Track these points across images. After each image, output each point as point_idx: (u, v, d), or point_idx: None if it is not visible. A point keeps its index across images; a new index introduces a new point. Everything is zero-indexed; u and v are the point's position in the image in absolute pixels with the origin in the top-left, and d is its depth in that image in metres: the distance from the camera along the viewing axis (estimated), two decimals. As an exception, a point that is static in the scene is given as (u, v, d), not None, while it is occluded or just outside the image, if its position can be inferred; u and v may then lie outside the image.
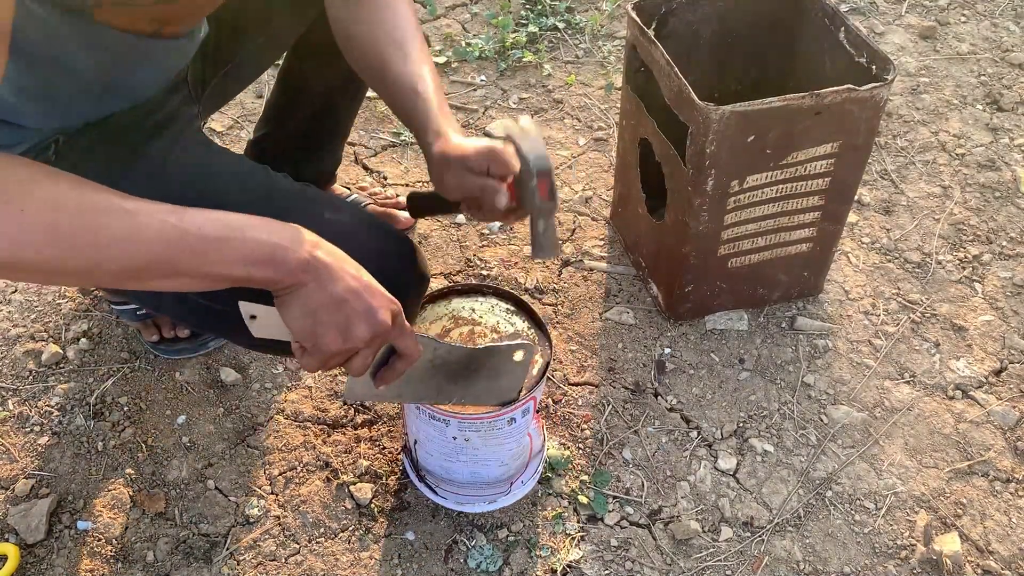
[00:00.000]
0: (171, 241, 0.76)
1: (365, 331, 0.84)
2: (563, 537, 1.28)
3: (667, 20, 1.51)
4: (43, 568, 1.24)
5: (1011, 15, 2.31)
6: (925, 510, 1.32)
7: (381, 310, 0.85)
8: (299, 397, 1.45)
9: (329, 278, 0.83)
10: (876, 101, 1.31)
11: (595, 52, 2.20)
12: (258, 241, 0.80)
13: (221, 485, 1.33)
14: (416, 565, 1.24)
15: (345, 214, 1.12)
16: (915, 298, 1.62)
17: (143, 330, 1.49)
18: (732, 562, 1.26)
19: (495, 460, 1.21)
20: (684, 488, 1.34)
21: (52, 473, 1.34)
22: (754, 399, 1.46)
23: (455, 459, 1.20)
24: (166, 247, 0.76)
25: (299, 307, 0.83)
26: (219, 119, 1.99)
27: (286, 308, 0.84)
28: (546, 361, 1.15)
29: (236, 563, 1.25)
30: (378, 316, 0.85)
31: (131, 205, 0.76)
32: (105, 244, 0.74)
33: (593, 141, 1.96)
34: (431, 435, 1.17)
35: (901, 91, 2.08)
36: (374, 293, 0.86)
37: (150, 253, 0.76)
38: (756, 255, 1.49)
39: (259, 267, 0.80)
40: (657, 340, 1.55)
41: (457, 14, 2.33)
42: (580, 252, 1.71)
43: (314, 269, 0.82)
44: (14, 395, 1.45)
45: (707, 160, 1.30)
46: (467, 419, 1.12)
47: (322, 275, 0.83)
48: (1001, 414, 1.44)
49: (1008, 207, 1.80)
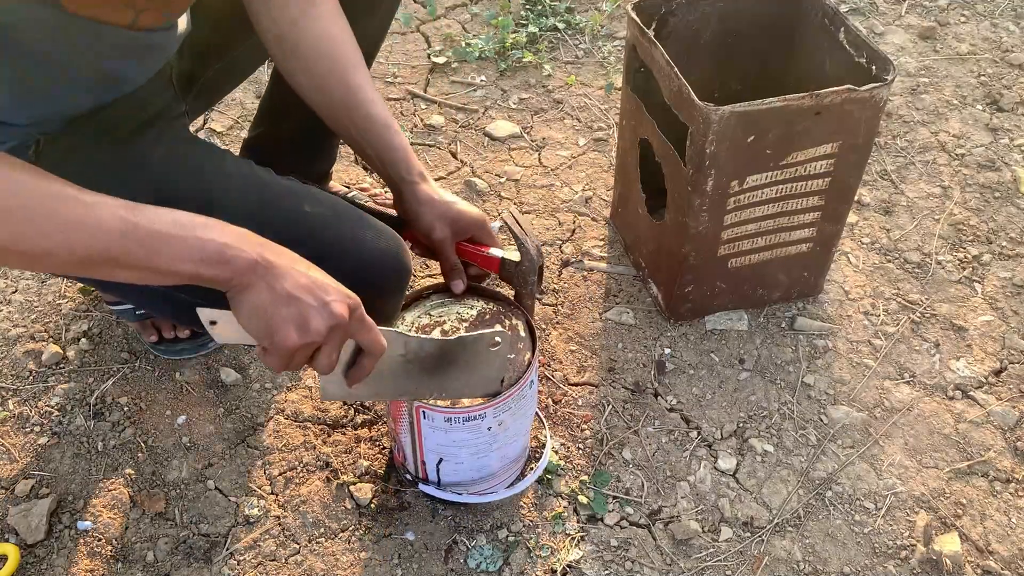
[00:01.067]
0: (121, 233, 0.78)
1: (320, 323, 0.85)
2: (563, 537, 1.28)
3: (667, 20, 1.51)
4: (43, 568, 1.24)
5: (1011, 15, 2.31)
6: (925, 510, 1.32)
7: (335, 303, 0.86)
8: (299, 397, 1.45)
9: (277, 277, 0.84)
10: (876, 101, 1.31)
11: (595, 52, 2.20)
12: (207, 240, 0.81)
13: (221, 485, 1.33)
14: (416, 565, 1.24)
15: (326, 207, 1.12)
16: (915, 298, 1.62)
17: (142, 331, 1.49)
18: (732, 562, 1.26)
19: (522, 431, 1.24)
20: (684, 488, 1.34)
21: (52, 473, 1.35)
22: (754, 399, 1.46)
23: (489, 452, 1.20)
24: (116, 239, 0.78)
25: (251, 307, 0.84)
26: (219, 119, 1.99)
27: (239, 309, 0.85)
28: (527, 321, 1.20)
29: (236, 563, 1.25)
30: (333, 308, 0.86)
31: (87, 197, 0.78)
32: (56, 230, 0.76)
33: (593, 141, 1.96)
34: (464, 441, 1.17)
35: (901, 91, 2.08)
36: (326, 288, 0.87)
37: (99, 243, 0.77)
38: (756, 255, 1.49)
39: (207, 265, 0.82)
40: (657, 340, 1.55)
41: (457, 14, 2.33)
42: (580, 252, 1.71)
43: (262, 268, 0.83)
44: (14, 395, 1.45)
45: (707, 160, 1.30)
46: (500, 402, 1.13)
47: (269, 274, 0.84)
48: (1001, 414, 1.44)
49: (1008, 207, 1.80)
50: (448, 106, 2.04)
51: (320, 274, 0.88)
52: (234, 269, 0.82)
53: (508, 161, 1.91)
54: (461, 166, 1.90)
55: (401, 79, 2.13)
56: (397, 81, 2.12)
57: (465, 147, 1.94)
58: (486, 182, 1.85)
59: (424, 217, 1.14)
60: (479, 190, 1.83)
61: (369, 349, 0.93)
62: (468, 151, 1.93)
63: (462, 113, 2.02)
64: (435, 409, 1.12)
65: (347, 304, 0.87)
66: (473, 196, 1.82)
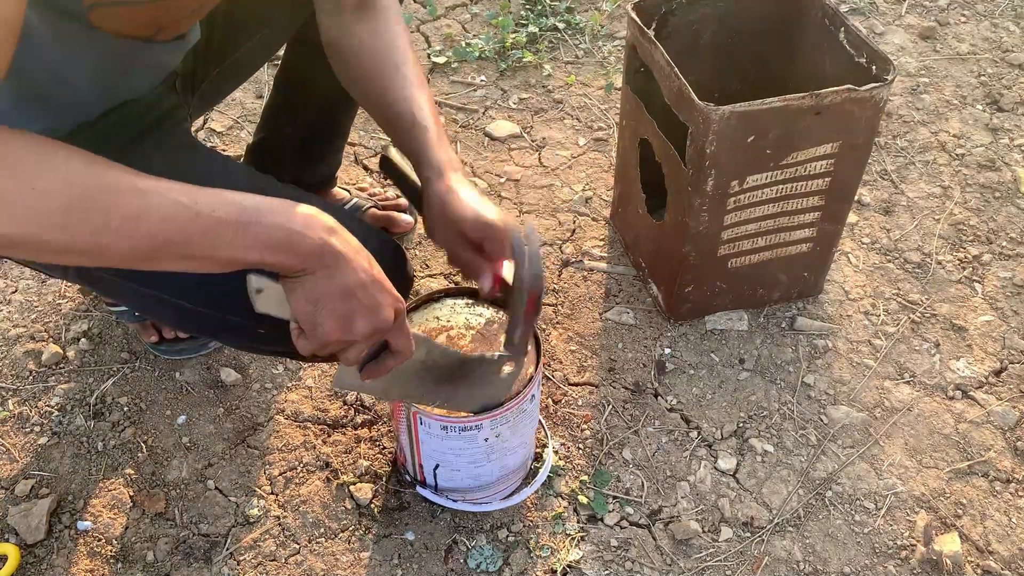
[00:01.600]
0: (183, 223, 0.74)
1: (366, 326, 0.84)
2: (563, 537, 1.28)
3: (667, 20, 1.51)
4: (43, 568, 1.24)
5: (1011, 15, 2.31)
6: (925, 510, 1.32)
7: (385, 307, 0.85)
8: (299, 397, 1.45)
9: (340, 268, 0.82)
10: (876, 101, 1.31)
11: (595, 52, 2.20)
12: (274, 226, 0.78)
13: (221, 485, 1.33)
14: (416, 565, 1.24)
15: None
16: (915, 298, 1.62)
17: (142, 331, 1.49)
18: (732, 562, 1.26)
19: (522, 443, 1.23)
20: (684, 488, 1.34)
21: (52, 473, 1.34)
22: (754, 399, 1.46)
23: (486, 462, 1.20)
24: (178, 229, 0.74)
25: (305, 292, 0.82)
26: (219, 119, 1.99)
27: (292, 291, 0.83)
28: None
29: (236, 563, 1.25)
30: (382, 313, 0.84)
31: (144, 184, 0.73)
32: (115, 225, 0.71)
33: (593, 141, 1.96)
34: (460, 449, 1.16)
35: (901, 91, 2.08)
36: (382, 289, 0.85)
37: (161, 235, 0.73)
38: (756, 255, 1.49)
39: (273, 252, 0.78)
40: (657, 340, 1.55)
41: (457, 14, 2.33)
42: (580, 252, 1.71)
43: (327, 256, 0.81)
44: (14, 395, 1.45)
45: (707, 160, 1.30)
46: (498, 414, 1.12)
47: (333, 264, 0.81)
48: (1001, 414, 1.44)
49: (1008, 207, 1.80)
50: (448, 106, 2.04)
51: (379, 271, 0.86)
52: (301, 256, 0.79)
53: (508, 161, 1.91)
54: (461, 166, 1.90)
55: (401, 79, 2.12)
56: (397, 81, 2.12)
57: (465, 147, 1.94)
58: (486, 182, 1.85)
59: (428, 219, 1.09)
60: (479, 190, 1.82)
61: (399, 352, 0.92)
62: (468, 151, 1.93)
63: (462, 113, 2.02)
64: (431, 416, 1.12)
65: (395, 308, 0.86)
66: (473, 196, 1.82)
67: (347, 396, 1.45)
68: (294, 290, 0.83)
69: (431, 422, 1.13)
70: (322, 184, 1.65)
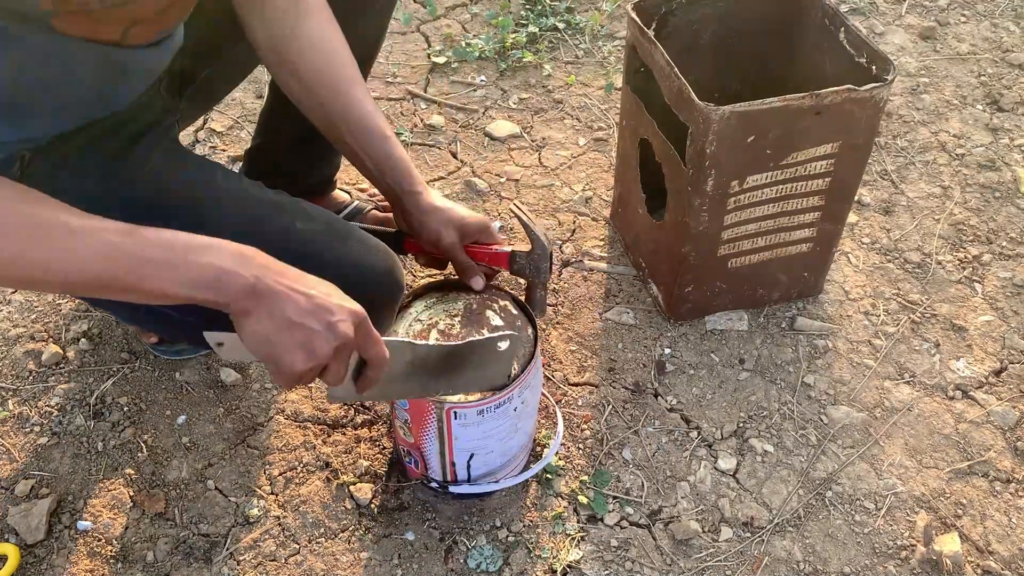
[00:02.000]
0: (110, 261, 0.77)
1: (326, 347, 0.84)
2: (563, 537, 1.28)
3: (667, 20, 1.51)
4: (43, 568, 1.24)
5: (1011, 15, 2.31)
6: (925, 510, 1.32)
7: (341, 324, 0.85)
8: (299, 397, 1.45)
9: (276, 302, 0.82)
10: (876, 101, 1.31)
11: (595, 52, 2.20)
12: (200, 264, 0.80)
13: (221, 485, 1.33)
14: (416, 565, 1.24)
15: (318, 223, 1.12)
16: (915, 298, 1.62)
17: (142, 332, 1.49)
18: (732, 562, 1.26)
19: (533, 407, 1.26)
20: (684, 488, 1.34)
21: (52, 473, 1.35)
22: (754, 399, 1.46)
23: (515, 433, 1.21)
24: (105, 267, 0.77)
25: (254, 333, 0.83)
26: (219, 119, 1.99)
27: (243, 333, 0.84)
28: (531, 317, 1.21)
29: (236, 563, 1.25)
30: (338, 330, 0.84)
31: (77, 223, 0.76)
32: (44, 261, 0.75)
33: (593, 141, 1.96)
34: (494, 429, 1.17)
35: (901, 91, 2.08)
36: (329, 308, 0.85)
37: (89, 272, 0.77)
38: (756, 255, 1.49)
39: (201, 290, 0.80)
40: (657, 340, 1.55)
41: (457, 14, 2.33)
42: (580, 252, 1.71)
43: (260, 295, 0.82)
44: (14, 395, 1.45)
45: (707, 160, 1.30)
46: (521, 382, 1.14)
47: (270, 300, 0.82)
48: (1001, 414, 1.44)
49: (1008, 207, 1.80)
50: (448, 106, 2.04)
51: (323, 291, 0.86)
52: (230, 295, 0.81)
53: (508, 161, 1.91)
54: (461, 166, 1.90)
55: (401, 79, 2.12)
56: (397, 81, 2.12)
57: (465, 147, 1.94)
58: (486, 182, 1.85)
59: (429, 225, 1.14)
60: (479, 190, 1.83)
61: (373, 363, 0.92)
62: (468, 151, 1.93)
63: (462, 113, 2.02)
64: (466, 406, 1.12)
65: (352, 321, 0.86)
66: (473, 196, 1.82)
67: (347, 396, 1.45)
68: (244, 333, 0.84)
69: (465, 412, 1.13)
70: (322, 185, 1.64)
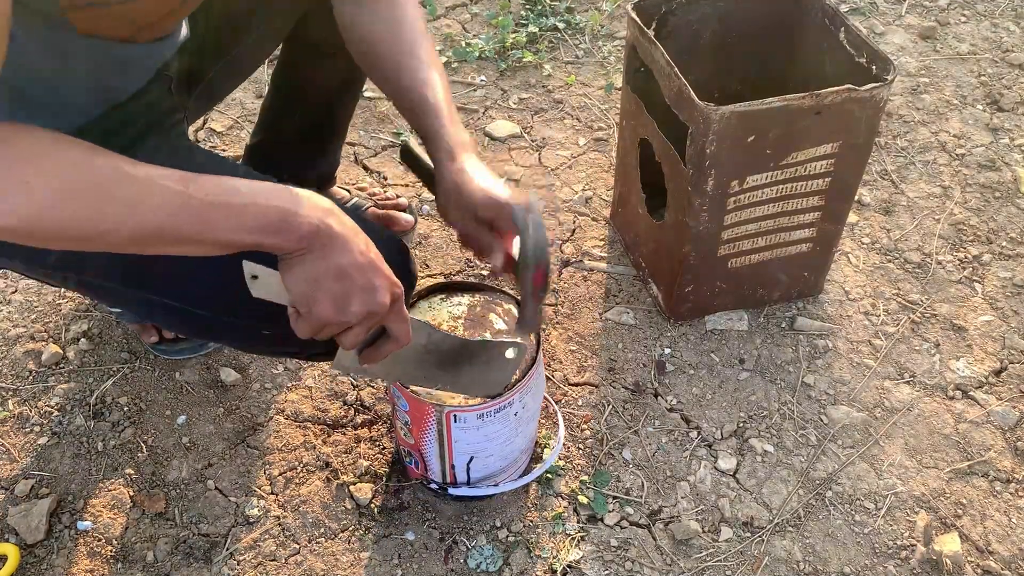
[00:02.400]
0: (176, 208, 0.75)
1: (360, 307, 0.84)
2: (563, 537, 1.28)
3: (667, 20, 1.51)
4: (43, 568, 1.24)
5: (1011, 15, 2.31)
6: (925, 510, 1.32)
7: (381, 290, 0.85)
8: (299, 397, 1.45)
9: (336, 248, 0.82)
10: (876, 101, 1.31)
11: (595, 52, 2.20)
12: (269, 207, 0.79)
13: (221, 485, 1.33)
14: (416, 565, 1.24)
15: None
16: (915, 298, 1.62)
17: (142, 332, 1.49)
18: (732, 562, 1.26)
19: (534, 412, 1.25)
20: (684, 488, 1.34)
21: (52, 473, 1.34)
22: (754, 399, 1.46)
23: (515, 437, 1.21)
24: (170, 215, 0.75)
25: (302, 273, 0.82)
26: (219, 119, 1.99)
27: (289, 272, 0.83)
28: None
29: (236, 563, 1.25)
30: (377, 296, 0.84)
31: (139, 172, 0.75)
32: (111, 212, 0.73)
33: (593, 141, 1.96)
34: (495, 433, 1.17)
35: (901, 91, 2.08)
36: (378, 272, 0.85)
37: (154, 220, 0.75)
38: (756, 255, 1.49)
39: (268, 234, 0.79)
40: (657, 340, 1.55)
41: (457, 14, 2.33)
42: (580, 252, 1.71)
43: (323, 236, 0.81)
44: (14, 395, 1.45)
45: (707, 160, 1.30)
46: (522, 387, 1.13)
47: (329, 244, 0.82)
48: (1001, 414, 1.44)
49: (1008, 207, 1.80)
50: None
51: (376, 254, 0.86)
52: (297, 236, 0.80)
53: (508, 161, 1.91)
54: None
55: (401, 79, 2.12)
56: (397, 81, 2.12)
57: (465, 147, 1.94)
58: (486, 182, 1.84)
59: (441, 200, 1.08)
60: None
61: (396, 338, 0.92)
62: (468, 151, 1.93)
63: (462, 113, 2.02)
64: (466, 409, 1.12)
65: (392, 292, 0.86)
66: (473, 196, 1.82)
67: (347, 396, 1.45)
68: (291, 271, 0.83)
69: (465, 416, 1.13)
70: (321, 183, 1.65)
